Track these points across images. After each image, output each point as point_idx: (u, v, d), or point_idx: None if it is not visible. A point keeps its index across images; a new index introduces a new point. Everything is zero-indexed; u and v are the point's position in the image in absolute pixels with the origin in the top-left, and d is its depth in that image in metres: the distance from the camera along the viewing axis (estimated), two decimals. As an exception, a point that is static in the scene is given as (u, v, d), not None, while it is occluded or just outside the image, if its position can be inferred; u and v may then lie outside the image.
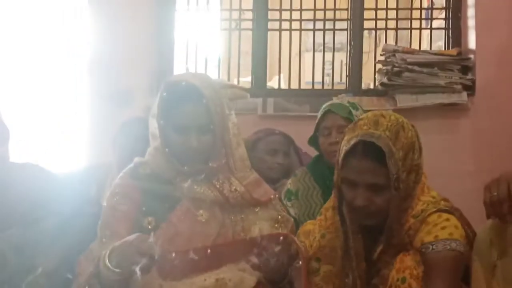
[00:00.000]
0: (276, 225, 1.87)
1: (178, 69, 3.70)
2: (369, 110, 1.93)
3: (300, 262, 1.59)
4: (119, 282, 1.63)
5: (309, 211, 2.57)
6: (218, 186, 1.84)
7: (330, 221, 1.83)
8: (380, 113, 1.71)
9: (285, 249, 1.61)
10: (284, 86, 3.87)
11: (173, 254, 1.58)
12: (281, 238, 1.61)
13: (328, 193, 2.48)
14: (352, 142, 1.65)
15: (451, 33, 3.44)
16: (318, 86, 3.65)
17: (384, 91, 3.33)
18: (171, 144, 1.83)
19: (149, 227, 1.79)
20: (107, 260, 1.61)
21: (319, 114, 2.70)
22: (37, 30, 3.81)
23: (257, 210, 1.88)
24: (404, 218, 1.69)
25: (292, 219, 1.96)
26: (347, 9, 3.55)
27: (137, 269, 1.55)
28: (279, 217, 1.90)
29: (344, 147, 1.68)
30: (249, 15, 3.66)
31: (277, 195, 1.99)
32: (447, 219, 1.65)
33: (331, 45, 3.67)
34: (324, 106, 2.71)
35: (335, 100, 2.77)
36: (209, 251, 1.69)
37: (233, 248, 1.73)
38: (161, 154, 1.84)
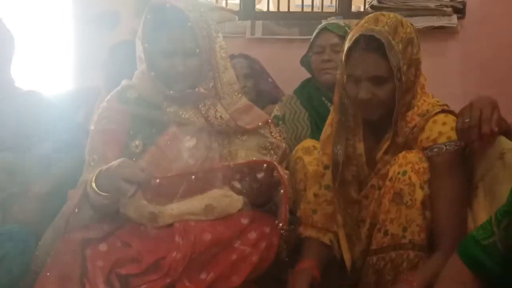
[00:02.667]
0: (264, 152, 1.87)
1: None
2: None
3: (282, 191, 1.62)
4: (107, 205, 1.66)
5: (296, 134, 2.60)
6: (203, 112, 1.83)
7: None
8: (380, 13, 1.77)
9: (267, 175, 1.63)
10: (273, 8, 3.80)
11: (157, 180, 1.59)
12: (264, 165, 1.63)
13: (315, 115, 2.55)
14: (354, 37, 1.70)
15: (443, -46, 3.37)
16: (307, 9, 3.58)
17: (374, 14, 3.29)
18: (157, 68, 1.81)
19: (137, 151, 1.80)
20: (94, 184, 1.63)
21: (314, 33, 2.69)
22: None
23: (244, 138, 1.88)
24: (409, 115, 1.74)
25: (284, 146, 1.95)
26: None
27: (122, 194, 1.58)
28: (268, 144, 1.89)
29: (347, 44, 1.73)
30: None
31: (269, 121, 1.97)
32: (454, 120, 1.70)
33: (321, -33, 3.59)
34: (320, 25, 2.69)
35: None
36: (193, 177, 1.71)
37: (216, 174, 1.74)
38: (148, 78, 1.82)
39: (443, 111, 1.74)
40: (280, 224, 1.60)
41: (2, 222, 1.87)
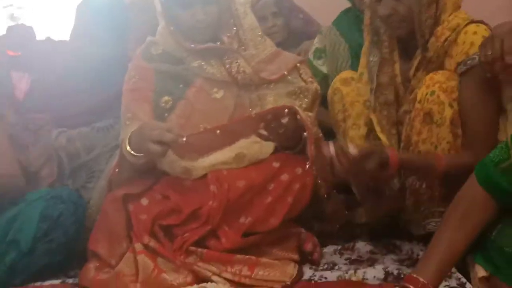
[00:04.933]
0: (293, 97, 1.88)
1: None
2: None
3: (305, 133, 1.64)
4: (143, 164, 1.72)
5: (336, 66, 2.57)
6: (227, 66, 1.84)
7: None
8: None
9: (292, 119, 1.65)
10: None
11: (184, 139, 1.64)
12: (286, 110, 1.65)
13: (356, 45, 2.51)
14: None
15: None
16: None
17: None
18: (178, 20, 1.82)
19: (167, 106, 1.84)
20: (128, 147, 1.69)
21: None
22: None
23: (271, 86, 1.89)
24: (439, 30, 1.74)
25: (314, 87, 1.93)
26: None
27: (153, 155, 1.64)
28: (296, 89, 1.90)
29: None
30: None
31: (298, 64, 1.96)
32: (486, 30, 1.69)
33: None
34: None
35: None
36: (218, 131, 1.76)
37: (242, 124, 1.78)
38: (168, 33, 1.84)
39: (473, 21, 1.72)
40: (307, 165, 1.63)
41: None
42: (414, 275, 1.26)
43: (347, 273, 1.70)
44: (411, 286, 1.24)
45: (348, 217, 1.93)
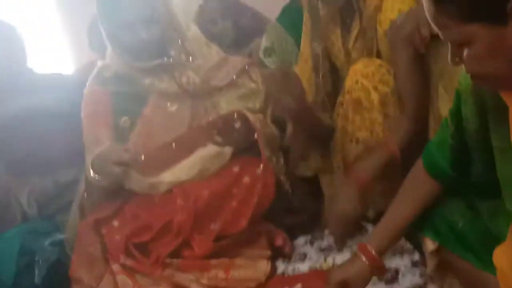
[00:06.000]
0: (245, 99, 1.94)
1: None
2: None
3: (255, 135, 1.73)
4: (108, 186, 1.80)
5: (287, 62, 2.65)
6: (177, 80, 1.90)
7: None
8: None
9: (243, 123, 1.74)
10: None
11: (142, 156, 1.71)
12: (235, 115, 1.72)
13: (300, 38, 2.58)
14: None
15: None
16: None
17: None
18: (123, 42, 1.87)
19: (126, 125, 1.90)
20: (91, 171, 1.76)
21: None
22: None
23: (222, 92, 1.95)
24: None
25: (264, 87, 1.98)
26: None
27: (115, 175, 1.71)
28: (247, 91, 1.96)
29: None
30: None
31: (247, 67, 2.01)
32: None
33: None
34: None
35: None
36: (173, 144, 1.83)
37: (195, 135, 1.85)
38: (116, 55, 1.90)
39: None
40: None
41: None
42: (364, 243, 1.37)
43: (318, 262, 1.78)
44: (361, 253, 1.34)
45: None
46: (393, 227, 1.38)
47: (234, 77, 1.96)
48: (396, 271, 1.64)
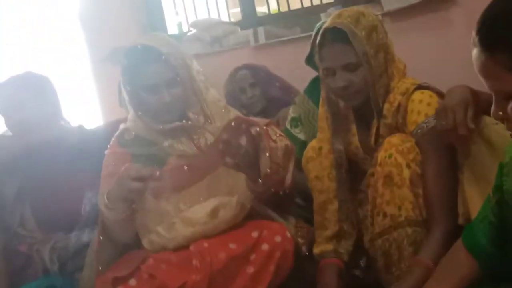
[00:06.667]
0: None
1: (169, 21, 3.73)
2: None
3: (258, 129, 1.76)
4: (123, 221, 1.82)
5: (313, 134, 2.67)
6: (195, 142, 1.94)
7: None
8: (343, 9, 1.90)
9: (246, 132, 1.75)
10: (274, 6, 3.86)
11: (157, 173, 1.75)
12: (233, 123, 1.76)
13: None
14: (320, 33, 1.85)
15: None
16: (307, 4, 3.64)
17: (371, -2, 3.32)
18: (145, 106, 1.93)
19: None
20: (106, 199, 1.79)
21: (314, 31, 2.74)
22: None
23: None
24: (391, 97, 1.85)
25: (284, 144, 1.95)
26: None
27: (134, 193, 1.76)
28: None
29: (317, 41, 1.87)
30: None
31: (265, 127, 1.96)
32: (430, 96, 1.79)
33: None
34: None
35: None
36: (185, 167, 1.88)
37: (205, 157, 1.89)
38: (138, 118, 1.95)
39: (419, 87, 1.82)
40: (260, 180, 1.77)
41: None
42: None
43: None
44: None
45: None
46: None
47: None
48: None
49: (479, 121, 1.62)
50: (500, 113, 1.07)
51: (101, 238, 1.89)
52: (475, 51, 1.06)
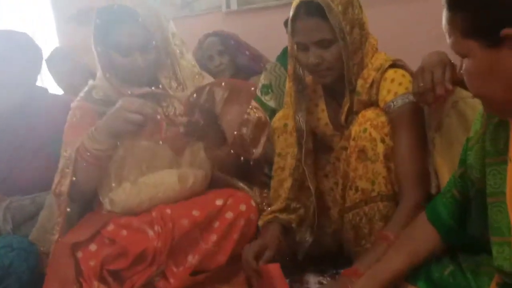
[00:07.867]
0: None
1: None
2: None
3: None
4: (100, 159, 1.78)
5: (283, 101, 2.66)
6: (164, 110, 1.88)
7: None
8: None
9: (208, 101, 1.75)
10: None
11: (158, 116, 1.75)
12: (190, 98, 1.75)
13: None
14: (295, 5, 1.76)
15: None
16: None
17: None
18: (115, 68, 1.86)
19: None
20: (94, 131, 1.76)
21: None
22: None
23: None
24: (365, 73, 1.80)
25: (257, 116, 1.93)
26: None
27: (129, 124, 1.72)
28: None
29: (290, 13, 1.78)
30: None
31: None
32: (403, 75, 1.75)
33: None
34: None
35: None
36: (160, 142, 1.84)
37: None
38: (106, 79, 1.87)
39: (393, 65, 1.79)
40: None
41: None
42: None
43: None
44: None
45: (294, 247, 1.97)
46: (383, 276, 1.35)
47: None
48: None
49: (454, 90, 1.60)
50: (462, 71, 1.11)
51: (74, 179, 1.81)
52: (444, 10, 1.10)
